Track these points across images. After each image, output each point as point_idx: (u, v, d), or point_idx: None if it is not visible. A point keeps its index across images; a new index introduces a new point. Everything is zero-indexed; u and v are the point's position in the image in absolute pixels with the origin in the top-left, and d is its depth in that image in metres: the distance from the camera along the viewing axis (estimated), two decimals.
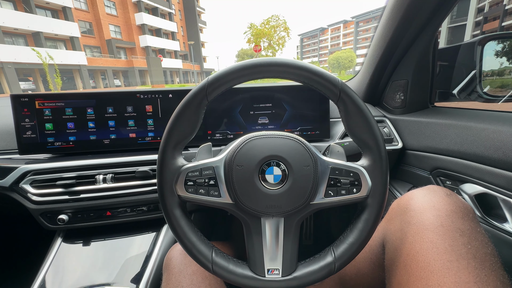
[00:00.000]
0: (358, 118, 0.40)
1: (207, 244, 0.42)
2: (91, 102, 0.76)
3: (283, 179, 0.40)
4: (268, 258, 0.41)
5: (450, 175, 0.67)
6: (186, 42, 36.08)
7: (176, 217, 0.42)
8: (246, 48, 46.17)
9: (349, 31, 74.61)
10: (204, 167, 0.42)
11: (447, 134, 0.67)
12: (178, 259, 0.56)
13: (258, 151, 0.40)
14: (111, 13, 24.16)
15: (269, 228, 0.41)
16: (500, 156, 0.53)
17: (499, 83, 0.79)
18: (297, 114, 0.83)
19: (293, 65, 0.39)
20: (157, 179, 0.42)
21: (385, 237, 0.49)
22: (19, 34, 17.50)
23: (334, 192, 0.41)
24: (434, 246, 0.39)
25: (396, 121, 0.87)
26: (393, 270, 0.44)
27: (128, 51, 26.60)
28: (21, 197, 0.70)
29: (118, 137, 0.79)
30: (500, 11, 23.87)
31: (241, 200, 0.40)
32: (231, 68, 0.40)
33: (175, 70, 32.71)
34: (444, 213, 0.42)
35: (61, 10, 19.47)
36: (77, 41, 20.37)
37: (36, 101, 0.74)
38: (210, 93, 0.40)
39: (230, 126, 0.83)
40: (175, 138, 0.41)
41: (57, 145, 0.77)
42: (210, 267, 0.41)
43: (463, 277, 0.35)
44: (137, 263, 0.69)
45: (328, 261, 0.41)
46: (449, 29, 28.80)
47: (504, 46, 0.77)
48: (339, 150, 0.47)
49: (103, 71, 23.78)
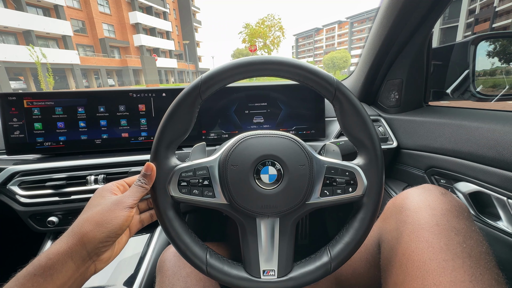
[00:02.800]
0: (353, 116, 0.40)
1: (201, 246, 0.41)
2: (82, 101, 0.74)
3: (279, 179, 0.39)
4: (263, 259, 0.41)
5: (444, 174, 0.68)
6: (181, 42, 35.87)
7: (169, 218, 0.41)
8: (242, 47, 46.15)
9: (344, 32, 75.24)
10: (198, 167, 0.41)
11: (441, 133, 0.68)
12: (172, 261, 0.54)
13: (253, 150, 0.40)
14: (105, 12, 23.85)
15: (265, 228, 0.41)
16: (494, 154, 0.53)
17: (492, 82, 0.80)
18: (292, 113, 0.83)
19: (288, 63, 0.39)
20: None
21: (381, 237, 0.49)
22: (9, 32, 17.14)
23: (330, 191, 0.41)
24: (429, 245, 0.39)
25: (391, 120, 0.87)
26: (389, 270, 0.43)
27: (122, 50, 26.30)
28: (9, 199, 0.68)
29: (110, 137, 0.77)
30: (491, 13, 24.38)
31: (236, 200, 0.39)
32: (225, 66, 0.39)
33: (170, 70, 32.48)
34: (439, 212, 0.42)
35: (53, 8, 19.14)
36: (70, 40, 20.05)
37: (24, 100, 0.72)
38: (204, 92, 0.39)
39: (225, 126, 0.82)
40: (168, 137, 0.40)
41: (46, 145, 0.75)
42: (204, 269, 0.40)
43: (458, 276, 0.35)
44: (131, 266, 0.68)
45: (324, 261, 0.40)
46: (442, 30, 29.29)
47: (496, 46, 0.78)
48: (334, 149, 0.46)
49: (97, 70, 23.47)
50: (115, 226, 0.36)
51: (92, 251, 0.35)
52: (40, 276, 0.31)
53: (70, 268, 0.33)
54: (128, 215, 0.37)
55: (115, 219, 0.36)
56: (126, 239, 0.43)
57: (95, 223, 0.35)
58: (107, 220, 0.36)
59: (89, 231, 0.35)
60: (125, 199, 0.38)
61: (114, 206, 0.37)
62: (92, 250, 0.35)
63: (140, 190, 0.40)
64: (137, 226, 0.45)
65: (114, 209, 0.37)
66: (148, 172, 0.40)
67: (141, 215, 0.47)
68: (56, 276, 0.32)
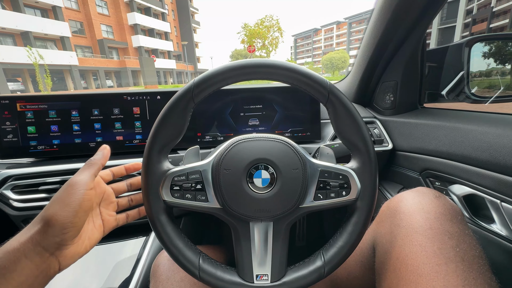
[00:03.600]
0: (346, 119, 0.40)
1: (194, 250, 0.41)
2: (76, 104, 0.74)
3: (272, 183, 0.39)
4: (256, 264, 0.40)
5: (439, 176, 0.68)
6: (179, 43, 35.88)
7: (161, 223, 0.40)
8: (240, 48, 46.19)
9: (342, 32, 75.53)
10: (191, 171, 0.40)
11: (436, 135, 0.68)
12: (165, 266, 0.54)
13: (245, 154, 0.40)
14: (103, 13, 23.83)
15: (258, 232, 0.40)
16: (487, 157, 0.53)
17: (486, 84, 0.80)
18: (288, 115, 0.83)
19: (281, 67, 0.39)
20: (142, 184, 0.40)
21: (376, 240, 0.49)
22: (7, 34, 17.08)
23: (324, 195, 0.40)
24: (423, 249, 0.38)
25: (386, 122, 0.87)
26: (383, 273, 0.43)
27: (120, 51, 26.26)
28: (1, 203, 0.68)
29: (104, 140, 0.77)
30: (488, 13, 24.54)
31: (229, 204, 0.39)
32: (217, 70, 0.39)
33: (168, 71, 32.47)
34: (433, 215, 0.42)
35: (51, 9, 19.10)
36: (68, 41, 20.01)
37: (17, 103, 0.71)
38: (196, 95, 0.39)
39: (220, 128, 0.82)
40: (160, 141, 0.40)
41: (40, 148, 0.74)
42: (197, 274, 0.39)
43: (451, 281, 0.35)
44: (125, 270, 0.68)
45: (318, 266, 0.40)
46: (439, 31, 29.45)
47: (491, 47, 0.78)
48: (328, 152, 0.46)
49: (95, 72, 23.42)
50: (71, 211, 0.34)
51: (52, 245, 0.33)
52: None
53: (27, 266, 0.31)
54: (82, 198, 0.36)
55: (69, 205, 0.35)
56: (99, 235, 0.41)
57: (61, 202, 0.35)
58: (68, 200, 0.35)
59: (57, 210, 0.34)
60: (73, 180, 0.37)
61: (64, 191, 0.36)
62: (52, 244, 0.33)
63: (87, 167, 0.40)
64: (112, 224, 0.44)
65: (66, 195, 0.35)
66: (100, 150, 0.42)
67: (118, 214, 0.46)
68: (10, 275, 0.30)
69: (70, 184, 0.37)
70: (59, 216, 0.33)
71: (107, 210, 0.45)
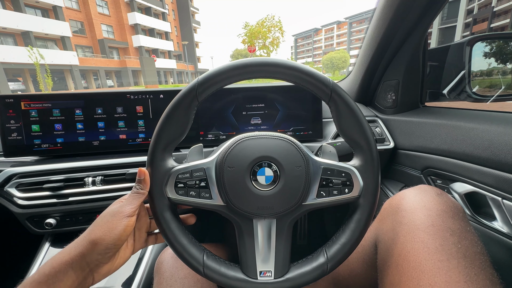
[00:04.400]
0: (349, 118, 0.40)
1: (198, 247, 0.41)
2: (80, 102, 0.74)
3: (275, 180, 0.40)
4: (260, 260, 0.41)
5: (440, 174, 0.68)
6: (180, 42, 35.86)
7: (166, 220, 0.41)
8: (241, 48, 46.16)
9: (343, 32, 75.39)
10: (195, 168, 0.41)
11: (437, 133, 0.68)
12: (169, 263, 0.55)
13: (249, 152, 0.40)
14: (103, 13, 23.82)
15: (261, 229, 0.41)
16: (489, 155, 0.54)
17: (487, 83, 0.80)
18: (290, 114, 0.83)
19: (284, 65, 0.39)
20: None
21: (378, 237, 0.49)
22: (7, 34, 17.09)
23: (326, 192, 0.41)
24: (425, 246, 0.39)
25: (387, 121, 0.87)
26: (385, 270, 0.44)
27: (121, 51, 26.27)
28: (6, 201, 0.68)
29: (107, 139, 0.77)
30: (489, 13, 24.48)
31: (232, 201, 0.39)
32: (221, 68, 0.39)
33: (169, 71, 32.45)
34: (435, 212, 0.42)
35: (52, 9, 19.10)
36: (68, 41, 20.01)
37: (22, 102, 0.72)
38: (200, 94, 0.39)
39: (223, 127, 0.82)
40: (164, 139, 0.40)
41: (44, 147, 0.75)
42: (201, 271, 0.40)
43: (453, 277, 0.35)
44: (129, 267, 0.68)
45: (321, 262, 0.40)
46: (440, 30, 29.38)
47: (491, 46, 0.78)
48: (331, 150, 0.46)
49: (96, 71, 23.42)
50: (116, 235, 0.37)
51: (93, 262, 0.36)
52: (44, 284, 0.33)
53: (71, 278, 0.35)
54: (127, 224, 0.38)
55: (114, 229, 0.37)
56: (129, 254, 0.43)
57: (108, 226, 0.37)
58: (114, 226, 0.37)
59: (104, 233, 0.36)
60: (122, 208, 0.39)
61: (112, 216, 0.38)
62: (94, 260, 0.36)
63: (136, 196, 0.40)
64: (141, 245, 0.46)
65: (112, 220, 0.37)
66: (141, 177, 0.40)
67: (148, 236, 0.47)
68: (57, 284, 0.34)
69: (112, 213, 0.38)
70: (105, 238, 0.36)
71: (139, 232, 0.46)
